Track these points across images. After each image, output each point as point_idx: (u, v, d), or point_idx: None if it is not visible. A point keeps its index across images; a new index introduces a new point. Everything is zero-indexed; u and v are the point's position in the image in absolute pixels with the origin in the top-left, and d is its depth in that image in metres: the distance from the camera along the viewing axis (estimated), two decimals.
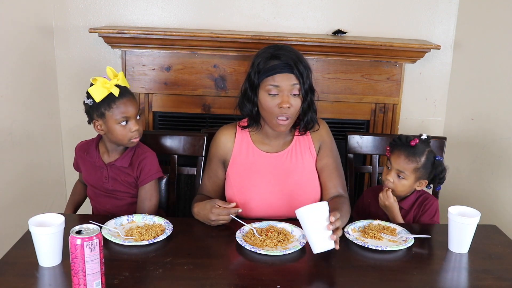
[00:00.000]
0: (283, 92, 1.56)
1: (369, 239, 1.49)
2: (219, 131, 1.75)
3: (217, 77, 2.32)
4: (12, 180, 2.29)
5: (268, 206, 1.66)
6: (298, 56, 1.59)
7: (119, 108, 1.62)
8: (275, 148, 1.72)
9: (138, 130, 1.67)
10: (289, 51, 1.59)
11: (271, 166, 1.69)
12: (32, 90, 2.33)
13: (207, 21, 2.35)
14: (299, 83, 1.57)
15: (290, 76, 1.56)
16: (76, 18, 2.34)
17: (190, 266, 1.31)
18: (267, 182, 1.68)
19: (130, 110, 1.64)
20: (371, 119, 2.41)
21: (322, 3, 2.36)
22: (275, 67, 1.55)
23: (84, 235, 1.12)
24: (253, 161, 1.69)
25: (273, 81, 1.56)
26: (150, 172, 1.74)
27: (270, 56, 1.57)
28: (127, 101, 1.64)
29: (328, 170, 1.71)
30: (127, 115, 1.64)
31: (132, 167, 1.73)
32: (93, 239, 1.11)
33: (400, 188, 1.69)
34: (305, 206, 1.33)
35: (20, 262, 1.31)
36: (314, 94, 1.65)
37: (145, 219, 1.57)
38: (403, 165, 1.66)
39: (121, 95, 1.63)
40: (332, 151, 1.75)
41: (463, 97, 2.46)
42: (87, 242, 1.11)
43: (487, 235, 1.57)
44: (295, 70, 1.55)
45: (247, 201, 1.66)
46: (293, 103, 1.57)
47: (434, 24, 2.40)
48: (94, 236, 1.12)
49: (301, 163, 1.71)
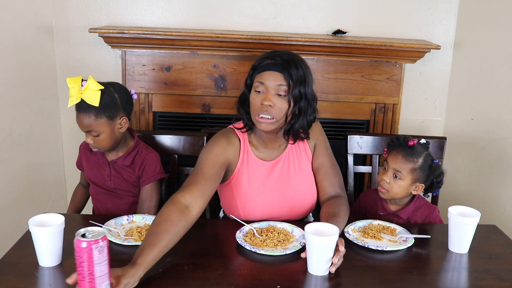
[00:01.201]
0: (268, 90, 1.52)
1: (369, 239, 1.49)
2: (219, 137, 1.63)
3: (217, 77, 2.32)
4: (12, 180, 2.29)
5: (268, 212, 1.64)
6: (294, 61, 1.54)
7: (77, 120, 1.65)
8: (271, 155, 1.67)
9: (92, 144, 1.68)
10: (286, 54, 1.56)
11: (270, 175, 1.65)
12: (32, 90, 2.33)
13: (207, 21, 2.35)
14: (287, 85, 1.51)
15: (278, 76, 1.51)
16: (76, 18, 2.34)
17: (190, 266, 1.31)
18: (268, 190, 1.64)
19: (81, 125, 1.65)
20: (371, 119, 2.41)
21: (322, 3, 2.36)
22: (265, 65, 1.53)
23: (90, 238, 1.09)
24: (255, 170, 1.65)
25: (260, 78, 1.53)
26: (152, 172, 1.74)
27: (266, 56, 1.56)
28: (80, 116, 1.64)
29: (324, 169, 1.69)
30: (81, 129, 1.65)
31: (134, 166, 1.74)
32: (101, 242, 1.09)
33: (396, 190, 1.66)
34: (315, 227, 1.31)
35: (20, 262, 1.30)
36: (310, 103, 1.57)
37: (145, 219, 1.57)
38: (400, 164, 1.65)
39: (77, 109, 1.63)
40: (327, 149, 1.73)
41: (463, 97, 2.46)
42: (95, 245, 1.08)
43: (487, 235, 1.57)
44: (285, 71, 1.51)
45: (251, 211, 1.63)
46: (277, 103, 1.51)
47: (434, 24, 2.40)
48: (100, 239, 1.09)
49: (299, 168, 1.68)
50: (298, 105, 1.54)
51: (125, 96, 1.71)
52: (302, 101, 1.54)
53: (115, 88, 1.68)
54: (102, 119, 1.63)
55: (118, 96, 1.67)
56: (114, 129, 1.67)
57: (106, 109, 1.62)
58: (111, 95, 1.65)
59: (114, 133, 1.67)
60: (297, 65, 1.53)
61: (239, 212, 1.63)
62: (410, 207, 1.70)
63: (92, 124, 1.62)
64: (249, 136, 1.66)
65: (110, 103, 1.64)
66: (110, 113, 1.64)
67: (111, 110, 1.64)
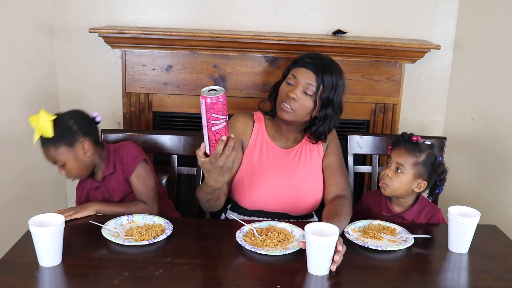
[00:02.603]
0: (298, 84, 1.62)
1: (369, 239, 1.49)
2: (238, 115, 1.78)
3: (217, 77, 2.32)
4: (12, 180, 2.28)
5: (272, 199, 1.70)
6: (331, 67, 1.63)
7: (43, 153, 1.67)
8: (286, 144, 1.76)
9: (65, 175, 1.69)
10: (326, 59, 1.66)
11: (280, 161, 1.73)
12: (32, 90, 2.33)
13: (207, 21, 2.35)
14: (316, 87, 1.61)
15: (311, 75, 1.61)
16: (76, 18, 2.34)
17: (190, 266, 1.31)
18: (275, 176, 1.71)
19: (47, 158, 1.67)
20: (371, 119, 2.41)
21: (322, 3, 2.36)
22: (303, 63, 1.65)
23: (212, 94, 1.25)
24: (266, 152, 1.73)
25: (295, 72, 1.65)
26: (130, 159, 1.74)
27: (307, 55, 1.67)
28: (43, 149, 1.66)
29: (332, 168, 1.74)
30: (49, 162, 1.67)
31: (116, 166, 1.75)
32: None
33: (397, 184, 1.66)
34: (315, 227, 1.31)
35: (20, 262, 1.31)
36: (336, 113, 1.67)
37: (145, 219, 1.57)
38: (403, 158, 1.66)
39: (40, 144, 1.65)
40: (338, 150, 1.80)
41: (463, 97, 2.46)
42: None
43: (487, 235, 1.57)
44: (319, 74, 1.61)
45: (254, 190, 1.70)
46: (301, 99, 1.62)
47: (434, 24, 2.40)
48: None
49: (309, 162, 1.74)
50: (326, 111, 1.64)
51: (82, 120, 1.70)
52: (329, 108, 1.64)
53: (70, 114, 1.68)
54: (61, 148, 1.63)
55: (74, 122, 1.66)
56: (78, 155, 1.66)
57: (63, 138, 1.63)
58: (65, 122, 1.65)
59: (79, 159, 1.67)
60: (333, 72, 1.63)
61: (245, 192, 1.69)
62: (414, 208, 1.70)
63: (54, 155, 1.64)
64: (267, 122, 1.78)
65: (65, 131, 1.64)
66: (67, 141, 1.64)
67: (67, 137, 1.64)
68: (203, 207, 1.62)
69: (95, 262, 1.33)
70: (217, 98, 1.24)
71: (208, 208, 1.62)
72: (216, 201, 1.57)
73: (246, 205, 1.71)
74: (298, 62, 1.66)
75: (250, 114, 1.80)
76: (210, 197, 1.52)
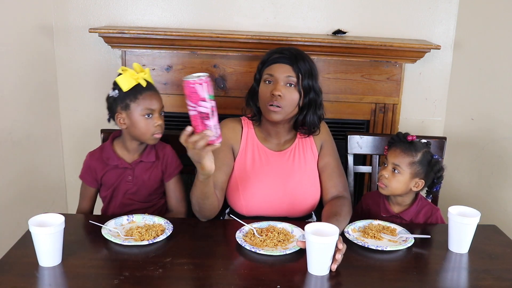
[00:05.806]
0: (277, 81, 1.61)
1: (369, 239, 1.49)
2: (226, 121, 1.75)
3: (217, 77, 2.32)
4: (12, 180, 2.29)
5: (269, 204, 1.67)
6: (301, 54, 1.64)
7: (144, 100, 1.64)
8: (278, 146, 1.74)
9: (161, 125, 1.68)
10: (293, 49, 1.66)
11: (274, 164, 1.70)
12: (32, 90, 2.33)
13: (207, 21, 2.35)
14: (296, 77, 1.60)
15: (287, 68, 1.61)
16: (76, 18, 2.34)
17: (190, 266, 1.31)
18: (270, 180, 1.68)
19: (155, 103, 1.66)
20: (371, 119, 2.41)
21: (322, 3, 2.36)
22: (274, 59, 1.63)
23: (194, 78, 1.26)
24: (259, 157, 1.71)
25: (269, 71, 1.63)
26: (175, 164, 1.77)
27: (274, 51, 1.66)
28: (152, 94, 1.66)
29: (329, 169, 1.72)
30: (152, 108, 1.65)
31: (159, 160, 1.75)
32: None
33: (395, 184, 1.66)
34: (315, 227, 1.31)
35: (20, 262, 1.30)
36: (318, 96, 1.66)
37: (145, 219, 1.57)
38: (399, 158, 1.66)
39: (148, 88, 1.65)
40: (333, 150, 1.78)
41: (463, 97, 2.46)
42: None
43: (487, 235, 1.57)
44: (294, 64, 1.60)
45: (250, 196, 1.67)
46: (286, 94, 1.60)
47: (434, 24, 2.40)
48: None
49: (303, 163, 1.72)
50: (308, 97, 1.63)
51: None
52: (311, 93, 1.64)
53: None
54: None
55: None
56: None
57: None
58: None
59: None
60: (304, 59, 1.63)
61: (240, 199, 1.67)
62: (412, 208, 1.70)
63: (160, 101, 1.68)
64: (255, 127, 1.75)
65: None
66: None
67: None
68: (196, 213, 1.58)
69: (95, 262, 1.33)
70: (186, 83, 1.27)
71: (199, 212, 1.55)
72: (205, 200, 1.50)
73: (243, 211, 1.68)
74: (268, 61, 1.65)
75: (238, 120, 1.77)
76: (199, 194, 1.48)
